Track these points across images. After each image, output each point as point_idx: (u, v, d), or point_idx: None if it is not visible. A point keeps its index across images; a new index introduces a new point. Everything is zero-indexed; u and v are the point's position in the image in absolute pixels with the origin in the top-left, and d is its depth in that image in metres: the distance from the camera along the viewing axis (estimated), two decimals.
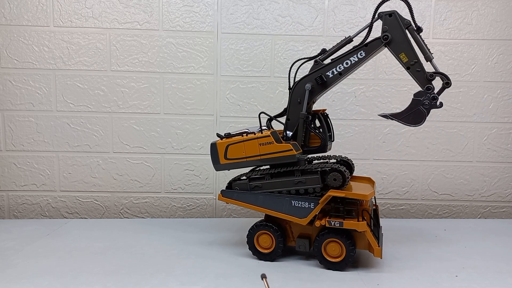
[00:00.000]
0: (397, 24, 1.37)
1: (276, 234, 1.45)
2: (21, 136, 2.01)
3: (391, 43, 1.38)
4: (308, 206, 1.40)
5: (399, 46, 1.38)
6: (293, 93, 1.47)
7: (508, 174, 2.10)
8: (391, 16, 1.38)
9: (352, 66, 1.42)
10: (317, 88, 1.45)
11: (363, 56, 1.41)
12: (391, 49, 1.39)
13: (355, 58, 1.42)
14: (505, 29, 2.03)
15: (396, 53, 1.38)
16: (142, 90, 2.01)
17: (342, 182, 1.36)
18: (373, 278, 1.33)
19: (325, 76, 1.43)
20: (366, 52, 1.41)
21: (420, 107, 1.37)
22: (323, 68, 1.44)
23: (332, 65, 1.43)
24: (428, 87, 1.35)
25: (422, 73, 1.36)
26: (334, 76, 1.43)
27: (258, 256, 1.48)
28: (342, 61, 1.43)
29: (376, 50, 1.41)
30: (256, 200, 1.47)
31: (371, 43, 1.41)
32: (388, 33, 1.38)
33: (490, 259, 1.50)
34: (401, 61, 1.38)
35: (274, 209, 1.44)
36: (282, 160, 1.43)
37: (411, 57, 1.36)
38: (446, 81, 1.37)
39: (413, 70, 1.37)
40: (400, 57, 1.38)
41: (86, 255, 1.51)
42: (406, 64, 1.37)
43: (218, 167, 1.52)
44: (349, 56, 1.42)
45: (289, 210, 1.42)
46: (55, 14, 1.96)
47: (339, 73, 1.43)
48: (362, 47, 1.41)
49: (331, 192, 1.36)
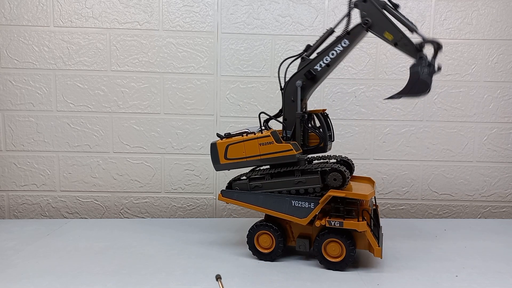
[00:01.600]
0: (374, 7, 1.38)
1: (276, 234, 1.45)
2: (21, 136, 2.01)
3: (372, 26, 1.39)
4: (308, 206, 1.40)
5: (381, 27, 1.38)
6: (285, 93, 1.48)
7: (508, 174, 2.10)
8: (366, 1, 1.39)
9: (338, 56, 1.43)
10: (308, 84, 1.45)
11: (347, 45, 1.42)
12: (374, 31, 1.39)
13: (340, 48, 1.42)
14: (505, 29, 2.03)
15: (379, 33, 1.39)
16: (142, 90, 2.01)
17: (342, 182, 1.36)
18: (373, 278, 1.33)
19: (313, 70, 1.44)
20: (350, 40, 1.42)
21: (421, 77, 1.34)
22: (310, 63, 1.45)
23: (319, 58, 1.44)
24: (420, 57, 1.33)
25: (410, 46, 1.35)
26: (322, 68, 1.44)
27: (258, 256, 1.48)
28: (327, 53, 1.44)
29: (359, 36, 1.42)
30: (256, 200, 1.47)
31: (353, 30, 1.42)
32: (367, 18, 1.38)
33: (490, 259, 1.50)
34: (387, 40, 1.38)
35: (274, 209, 1.44)
36: (282, 160, 1.43)
37: (395, 34, 1.37)
38: (436, 44, 1.35)
39: (401, 45, 1.36)
40: (385, 36, 1.38)
41: (86, 255, 1.51)
42: (393, 41, 1.37)
43: (218, 167, 1.52)
44: (334, 47, 1.43)
45: (289, 210, 1.42)
46: (55, 14, 1.96)
47: (326, 65, 1.44)
48: (345, 36, 1.42)
49: (331, 192, 1.36)
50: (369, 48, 2.02)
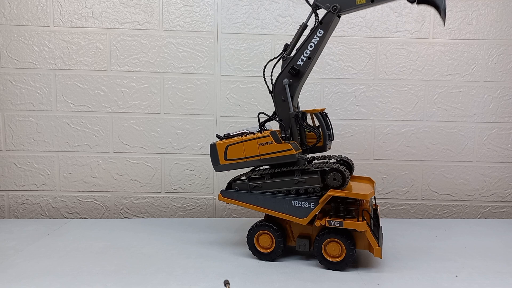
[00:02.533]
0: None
1: (276, 234, 1.45)
2: (21, 136, 2.01)
3: (342, 8, 1.41)
4: (308, 206, 1.40)
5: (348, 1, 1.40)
6: (275, 94, 1.49)
7: (508, 174, 2.10)
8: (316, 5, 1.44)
9: (317, 47, 1.45)
10: (294, 80, 1.46)
11: (322, 33, 1.44)
12: (347, 9, 1.41)
13: (316, 39, 1.44)
14: (505, 29, 2.03)
15: (354, 6, 1.40)
16: (142, 90, 2.01)
17: (342, 182, 1.37)
18: (373, 278, 1.33)
19: (296, 66, 1.45)
20: (324, 28, 1.44)
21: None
22: (292, 60, 1.47)
23: (299, 54, 1.46)
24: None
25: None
26: (304, 62, 1.46)
27: (258, 256, 1.48)
28: (306, 46, 1.45)
29: (331, 23, 1.43)
30: (256, 200, 1.47)
31: (324, 19, 1.44)
32: (335, 3, 1.40)
33: (490, 259, 1.50)
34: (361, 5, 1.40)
35: (274, 209, 1.45)
36: (282, 160, 1.43)
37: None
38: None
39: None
40: (359, 4, 1.40)
41: (86, 255, 1.51)
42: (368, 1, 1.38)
43: (218, 167, 1.52)
44: (311, 39, 1.45)
45: (289, 210, 1.42)
46: (55, 14, 1.96)
47: (308, 57, 1.45)
48: (318, 26, 1.44)
49: (331, 192, 1.36)
50: (369, 48, 2.03)
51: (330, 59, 2.02)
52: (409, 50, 2.03)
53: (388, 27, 2.02)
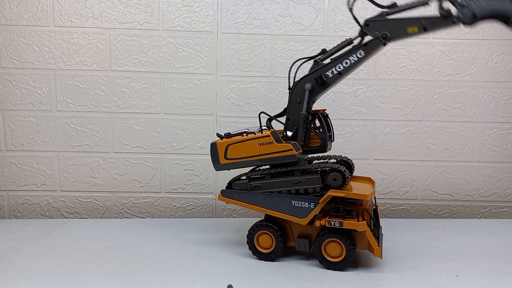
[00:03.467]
0: (380, 22, 1.38)
1: (276, 234, 1.45)
2: (21, 136, 2.01)
3: (392, 37, 1.37)
4: (308, 206, 1.40)
5: (400, 30, 1.35)
6: (293, 93, 1.47)
7: (508, 174, 2.10)
8: (368, 25, 1.40)
9: (351, 66, 1.41)
10: (316, 88, 1.44)
11: (362, 56, 1.40)
12: (397, 38, 1.37)
13: (354, 58, 1.41)
14: (505, 29, 2.02)
15: (404, 35, 1.36)
16: (142, 90, 2.01)
17: (342, 182, 1.36)
18: (373, 278, 1.33)
19: (324, 75, 1.42)
20: (366, 51, 1.40)
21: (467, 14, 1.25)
22: (322, 68, 1.44)
23: (332, 65, 1.43)
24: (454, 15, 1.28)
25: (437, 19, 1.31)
26: (333, 76, 1.43)
27: (258, 256, 1.48)
28: (341, 61, 1.42)
29: (376, 49, 1.40)
30: (256, 200, 1.47)
31: (370, 43, 1.40)
32: (384, 32, 1.36)
33: (490, 259, 1.50)
34: (415, 33, 1.34)
35: (274, 209, 1.44)
36: (282, 160, 1.43)
37: (416, 23, 1.33)
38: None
39: (429, 26, 1.32)
40: (410, 32, 1.34)
41: (86, 255, 1.51)
42: (420, 30, 1.33)
43: (218, 167, 1.52)
44: (349, 56, 1.41)
45: (289, 210, 1.42)
46: (55, 14, 1.96)
47: (338, 72, 1.42)
48: (362, 47, 1.40)
49: (331, 192, 1.36)
50: None
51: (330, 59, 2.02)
52: (409, 50, 2.03)
53: None
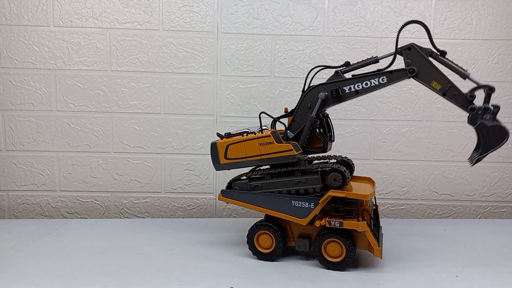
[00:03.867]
0: (419, 56, 1.34)
1: (276, 234, 1.45)
2: (21, 136, 2.01)
3: (418, 75, 1.34)
4: (308, 206, 1.40)
5: (427, 76, 1.34)
6: (305, 97, 1.46)
7: (508, 174, 2.10)
8: (410, 49, 1.35)
9: (371, 88, 1.39)
10: (330, 99, 1.43)
11: (384, 82, 1.38)
12: (420, 80, 1.35)
13: (375, 82, 1.38)
14: (505, 29, 2.03)
15: (427, 83, 1.34)
16: (142, 90, 2.01)
17: (342, 182, 1.36)
18: (373, 278, 1.33)
19: (341, 90, 1.41)
20: (389, 79, 1.37)
21: (489, 126, 1.28)
22: (341, 82, 1.41)
23: (352, 81, 1.40)
24: (472, 108, 1.29)
25: (460, 96, 1.31)
26: (350, 92, 1.41)
27: (258, 256, 1.48)
28: (362, 80, 1.39)
29: (400, 79, 1.37)
30: (256, 200, 1.47)
31: (396, 72, 1.36)
32: (413, 67, 1.34)
33: (490, 259, 1.50)
34: (434, 89, 1.33)
35: (274, 209, 1.44)
36: (283, 160, 1.43)
37: (443, 83, 1.32)
38: (489, 88, 1.30)
39: (450, 95, 1.32)
40: (432, 86, 1.33)
41: (86, 255, 1.51)
42: (441, 91, 1.33)
43: (218, 166, 1.52)
44: (371, 78, 1.39)
45: (289, 210, 1.42)
46: (55, 14, 1.96)
47: (356, 91, 1.40)
48: (386, 73, 1.38)
49: (331, 192, 1.36)
50: (369, 48, 2.03)
51: (330, 59, 2.02)
52: None
53: (388, 27, 2.02)
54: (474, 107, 1.28)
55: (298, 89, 2.03)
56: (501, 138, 1.28)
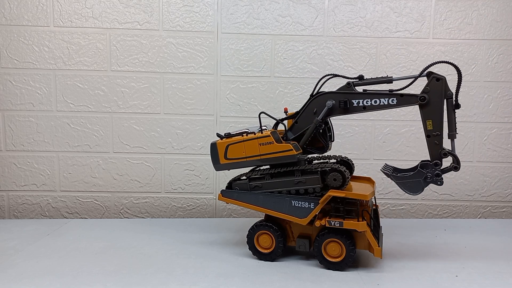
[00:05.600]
0: (440, 92, 1.34)
1: (276, 234, 1.45)
2: (21, 136, 2.01)
3: (425, 106, 1.35)
4: (308, 206, 1.40)
5: (431, 113, 1.34)
6: (312, 102, 1.45)
7: (508, 174, 2.10)
8: (439, 80, 1.35)
9: (379, 107, 1.39)
10: (337, 109, 1.42)
11: (393, 103, 1.37)
12: (422, 112, 1.36)
13: (385, 101, 1.38)
14: (505, 29, 2.03)
15: (425, 117, 1.35)
16: (142, 90, 2.01)
17: (342, 182, 1.36)
18: (373, 278, 1.33)
19: (350, 102, 1.40)
20: (398, 102, 1.37)
21: (421, 179, 1.37)
22: (351, 94, 1.41)
23: (362, 96, 1.40)
24: (437, 163, 1.35)
25: (438, 147, 1.35)
26: (358, 106, 1.40)
27: (258, 256, 1.48)
28: (372, 97, 1.39)
29: (408, 103, 1.37)
30: (256, 200, 1.47)
31: (407, 96, 1.36)
32: (427, 95, 1.34)
33: (490, 259, 1.50)
34: (425, 126, 1.36)
35: (274, 209, 1.44)
36: (282, 160, 1.42)
37: (436, 128, 1.34)
38: (455, 166, 1.36)
39: (431, 140, 1.35)
40: (426, 122, 1.35)
41: (86, 255, 1.51)
42: (428, 132, 1.35)
43: (218, 167, 1.52)
44: (381, 97, 1.38)
45: (289, 210, 1.42)
46: (55, 14, 1.96)
47: (363, 106, 1.40)
48: (397, 95, 1.37)
49: (331, 192, 1.36)
50: (369, 48, 2.03)
51: (330, 59, 2.02)
52: (409, 50, 2.03)
53: (388, 27, 2.02)
54: (439, 163, 1.35)
55: (298, 89, 2.03)
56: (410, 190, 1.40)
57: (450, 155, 1.36)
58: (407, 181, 1.39)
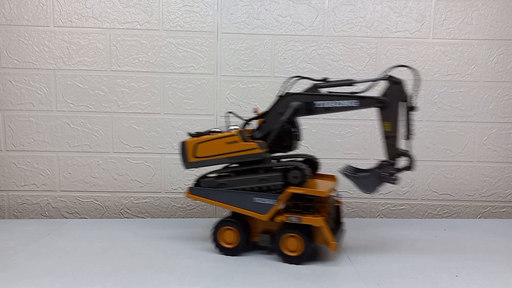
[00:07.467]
0: (398, 95, 1.38)
1: (240, 230, 1.50)
2: (21, 136, 2.01)
3: (383, 108, 1.40)
4: (269, 203, 1.45)
5: (388, 115, 1.40)
6: (279, 102, 1.49)
7: (508, 174, 2.10)
8: (397, 84, 1.38)
9: (342, 108, 1.44)
10: (301, 110, 1.46)
11: (355, 105, 1.43)
12: (381, 113, 1.41)
13: (346, 103, 1.43)
14: (505, 29, 2.03)
15: (383, 119, 1.40)
16: (142, 90, 2.02)
17: (301, 179, 1.41)
18: (373, 278, 1.33)
19: (313, 103, 1.45)
20: (359, 104, 1.42)
21: (375, 178, 1.41)
22: (315, 96, 1.46)
23: (325, 98, 1.45)
24: (392, 163, 1.40)
25: (394, 149, 1.40)
26: (321, 108, 1.45)
27: (222, 251, 1.53)
28: (334, 99, 1.44)
29: (368, 106, 1.42)
30: (222, 197, 1.52)
31: (367, 99, 1.41)
32: (385, 98, 1.39)
33: (490, 259, 1.50)
34: (382, 128, 1.41)
35: (238, 205, 1.50)
36: (248, 158, 1.47)
37: (393, 129, 1.39)
38: (409, 166, 1.41)
39: (388, 142, 1.40)
40: (384, 124, 1.40)
41: (86, 255, 1.51)
42: (385, 134, 1.41)
43: (187, 164, 1.56)
44: (343, 99, 1.43)
45: (251, 207, 1.48)
46: (55, 14, 1.96)
47: (327, 108, 1.45)
48: (358, 98, 1.42)
49: (290, 189, 1.41)
50: (369, 48, 2.03)
51: (330, 59, 2.02)
52: (409, 50, 2.03)
53: (388, 27, 2.02)
54: (394, 163, 1.39)
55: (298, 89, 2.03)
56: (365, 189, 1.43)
57: (406, 155, 1.40)
58: (363, 181, 1.43)
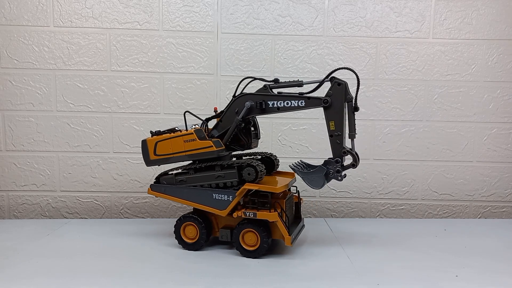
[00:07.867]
0: (341, 95, 1.43)
1: (201, 226, 1.54)
2: (21, 136, 2.01)
3: (328, 108, 1.45)
4: (227, 199, 1.50)
5: (333, 115, 1.45)
6: (234, 102, 1.54)
7: (508, 174, 2.10)
8: (340, 85, 1.44)
9: (291, 108, 1.50)
10: (255, 109, 1.51)
11: (302, 105, 1.48)
12: (326, 113, 1.45)
13: (295, 103, 1.48)
14: (505, 29, 2.03)
15: (328, 119, 1.45)
16: (142, 90, 2.01)
17: (255, 176, 1.46)
18: (373, 278, 1.33)
19: (265, 103, 1.50)
20: (306, 104, 1.48)
21: (322, 175, 1.46)
22: (267, 96, 1.51)
23: (275, 98, 1.50)
24: (338, 160, 1.45)
25: (339, 146, 1.44)
26: (272, 107, 1.51)
27: (183, 246, 1.57)
28: (284, 99, 1.49)
29: (315, 106, 1.47)
30: (182, 194, 1.57)
31: (312, 99, 1.47)
32: (330, 99, 1.43)
33: (490, 259, 1.50)
34: (328, 127, 1.45)
35: (198, 201, 1.55)
36: (204, 155, 1.52)
37: (338, 129, 1.44)
38: (353, 163, 1.45)
39: (333, 140, 1.45)
40: (329, 123, 1.45)
41: (85, 255, 1.51)
42: (331, 132, 1.45)
43: (149, 162, 1.61)
44: (292, 99, 1.48)
45: (210, 203, 1.52)
46: (55, 14, 1.96)
47: (277, 107, 1.50)
48: (305, 98, 1.47)
49: (246, 186, 1.47)
50: (369, 48, 2.03)
51: (330, 59, 2.02)
52: (409, 50, 2.03)
53: (388, 27, 2.02)
54: (339, 160, 1.44)
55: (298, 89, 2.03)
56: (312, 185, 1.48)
57: (350, 153, 1.45)
58: (310, 176, 1.48)
